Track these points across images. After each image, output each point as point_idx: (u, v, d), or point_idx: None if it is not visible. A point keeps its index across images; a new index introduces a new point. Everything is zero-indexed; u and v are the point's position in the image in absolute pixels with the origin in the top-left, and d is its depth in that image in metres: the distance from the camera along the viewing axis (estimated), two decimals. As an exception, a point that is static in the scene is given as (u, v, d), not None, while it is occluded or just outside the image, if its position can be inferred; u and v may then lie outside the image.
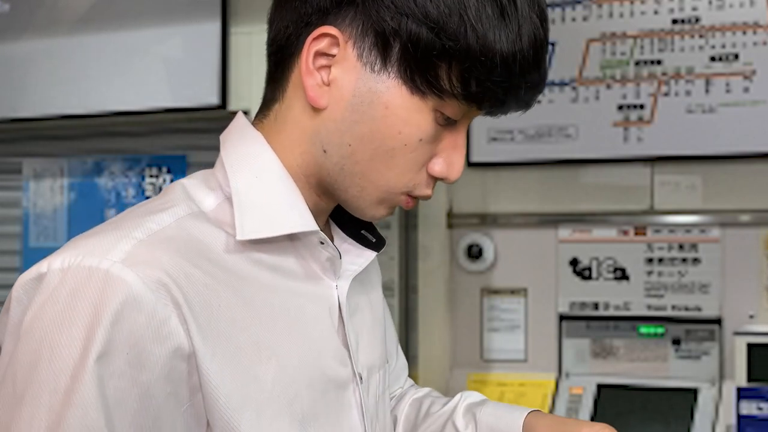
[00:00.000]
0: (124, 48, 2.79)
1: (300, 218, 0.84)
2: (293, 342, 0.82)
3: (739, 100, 2.36)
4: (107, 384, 0.68)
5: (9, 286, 3.32)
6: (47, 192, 3.11)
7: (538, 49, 0.81)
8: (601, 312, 2.48)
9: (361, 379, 0.91)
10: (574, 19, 2.52)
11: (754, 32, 2.36)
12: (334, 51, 0.81)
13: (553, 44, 2.54)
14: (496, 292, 2.59)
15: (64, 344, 0.68)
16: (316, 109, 0.83)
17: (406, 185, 0.85)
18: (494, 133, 2.59)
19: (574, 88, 2.51)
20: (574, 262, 2.51)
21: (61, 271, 0.71)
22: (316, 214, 0.89)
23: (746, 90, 2.36)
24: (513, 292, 2.57)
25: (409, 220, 2.46)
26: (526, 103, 0.86)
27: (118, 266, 0.70)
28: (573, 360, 2.47)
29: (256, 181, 0.83)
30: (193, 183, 0.86)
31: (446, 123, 0.84)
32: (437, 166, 0.86)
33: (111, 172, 3.03)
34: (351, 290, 0.93)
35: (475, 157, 2.61)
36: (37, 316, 0.70)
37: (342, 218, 0.97)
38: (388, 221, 2.39)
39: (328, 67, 0.82)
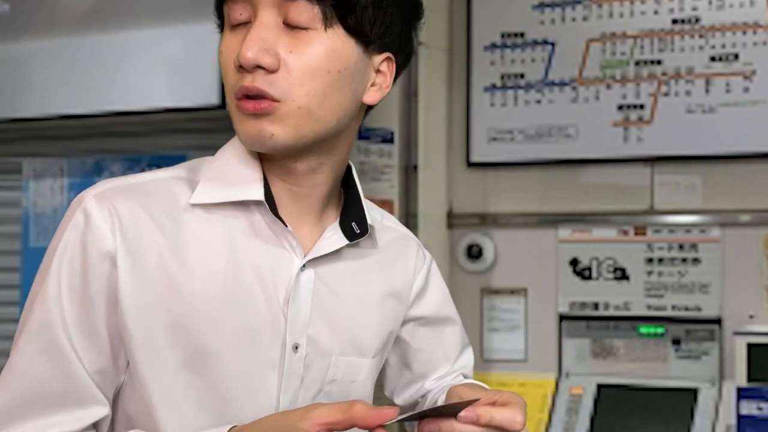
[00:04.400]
0: (124, 48, 2.78)
1: (248, 192, 1.01)
2: (209, 286, 0.99)
3: (739, 100, 2.36)
4: (62, 271, 0.96)
5: (9, 286, 3.32)
6: (47, 192, 3.11)
7: None
8: (601, 312, 2.48)
9: (296, 348, 1.02)
10: (574, 19, 2.52)
11: (754, 32, 2.36)
12: None
13: (553, 44, 2.54)
14: (496, 292, 2.59)
15: (51, 245, 0.99)
16: None
17: (229, 91, 0.99)
18: (494, 133, 2.59)
19: (574, 88, 2.51)
20: (574, 262, 2.51)
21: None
22: (286, 194, 1.05)
23: (746, 90, 2.36)
24: (513, 292, 2.57)
25: (409, 220, 2.46)
26: None
27: (89, 197, 0.99)
28: (573, 360, 2.47)
29: (229, 161, 1.04)
30: (205, 159, 1.08)
31: (236, 28, 1.01)
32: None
33: (111, 172, 3.03)
34: (329, 274, 1.06)
35: (475, 157, 2.61)
36: None
37: (346, 213, 1.10)
38: (388, 221, 2.39)
39: None
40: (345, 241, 1.07)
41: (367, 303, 1.12)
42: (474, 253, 2.58)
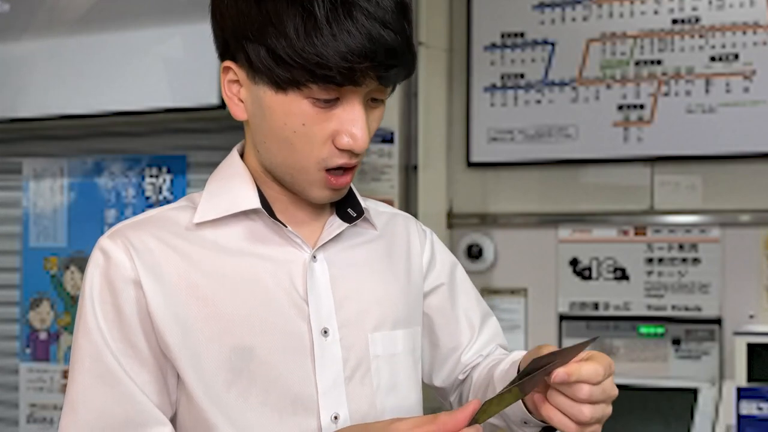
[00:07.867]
0: (124, 48, 2.78)
1: (245, 203, 1.10)
2: (228, 289, 1.07)
3: (739, 100, 2.36)
4: (96, 305, 1.05)
5: (9, 286, 3.31)
6: (47, 192, 3.11)
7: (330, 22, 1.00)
8: (601, 312, 2.48)
9: (325, 333, 1.10)
10: (574, 19, 2.52)
11: (754, 32, 2.36)
12: (235, 77, 1.08)
13: (553, 44, 2.54)
14: (496, 292, 2.59)
15: (81, 289, 1.09)
16: (247, 121, 1.11)
17: (317, 162, 1.06)
18: (494, 133, 2.59)
19: (574, 88, 2.51)
20: (574, 262, 2.51)
21: None
22: (282, 201, 1.13)
23: (746, 90, 2.36)
24: (513, 292, 2.58)
25: (409, 220, 2.46)
26: (384, 66, 1.02)
27: (103, 238, 1.09)
28: (573, 360, 2.47)
29: (221, 182, 1.14)
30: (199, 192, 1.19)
31: (327, 103, 1.03)
32: (343, 140, 1.04)
33: (111, 172, 3.03)
34: (341, 258, 1.15)
35: (475, 157, 2.61)
36: None
37: (341, 205, 1.19)
38: (388, 221, 2.39)
39: (240, 87, 1.09)
40: (345, 225, 1.16)
41: (384, 277, 1.20)
42: (474, 253, 2.58)
